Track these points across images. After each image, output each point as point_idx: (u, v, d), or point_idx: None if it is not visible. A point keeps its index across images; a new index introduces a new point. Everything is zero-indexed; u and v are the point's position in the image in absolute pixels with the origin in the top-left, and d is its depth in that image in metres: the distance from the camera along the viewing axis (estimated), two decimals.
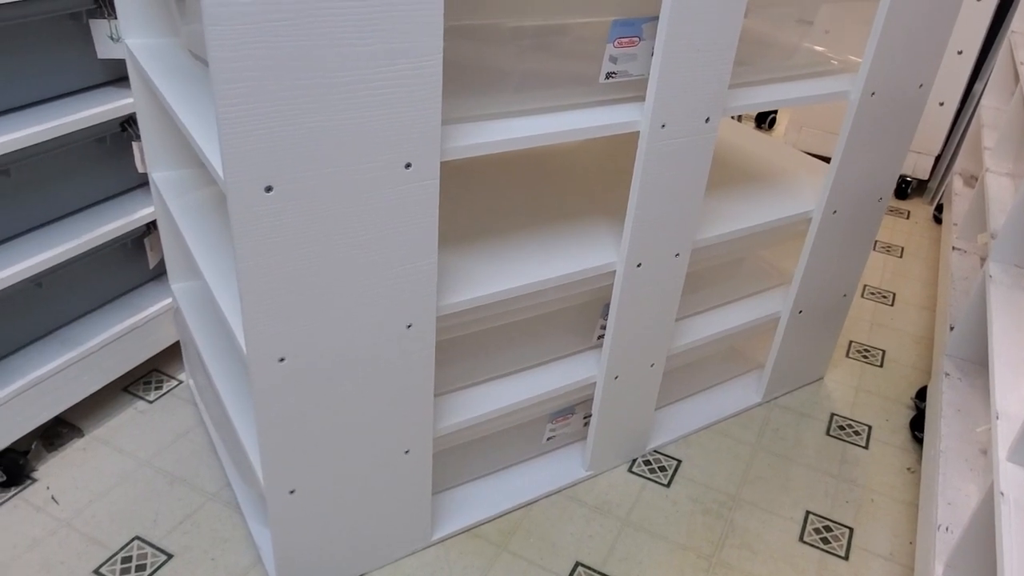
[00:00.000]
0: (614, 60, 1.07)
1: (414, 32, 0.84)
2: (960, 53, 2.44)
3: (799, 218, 1.45)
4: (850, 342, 1.95)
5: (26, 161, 1.31)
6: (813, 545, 1.39)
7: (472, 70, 1.00)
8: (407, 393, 1.11)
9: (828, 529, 1.42)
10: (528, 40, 1.02)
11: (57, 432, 1.50)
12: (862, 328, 2.01)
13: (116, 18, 1.32)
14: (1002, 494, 0.99)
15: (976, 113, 2.51)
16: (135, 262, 1.56)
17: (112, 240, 1.43)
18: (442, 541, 1.34)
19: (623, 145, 1.65)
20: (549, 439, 1.47)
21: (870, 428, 1.67)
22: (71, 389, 1.43)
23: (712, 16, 1.05)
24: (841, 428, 1.67)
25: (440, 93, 0.89)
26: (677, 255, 1.28)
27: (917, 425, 1.66)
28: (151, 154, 1.36)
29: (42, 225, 1.40)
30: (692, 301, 1.51)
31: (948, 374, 1.57)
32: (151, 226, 1.52)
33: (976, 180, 2.42)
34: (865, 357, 1.90)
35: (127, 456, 1.46)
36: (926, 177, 2.69)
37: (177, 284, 1.48)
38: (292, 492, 1.10)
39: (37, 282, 1.37)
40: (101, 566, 1.26)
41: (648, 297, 1.29)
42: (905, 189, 2.73)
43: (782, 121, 3.26)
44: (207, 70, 1.17)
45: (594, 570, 1.31)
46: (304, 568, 1.19)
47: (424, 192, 0.95)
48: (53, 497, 1.37)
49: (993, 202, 1.79)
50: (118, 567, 1.26)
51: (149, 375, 1.67)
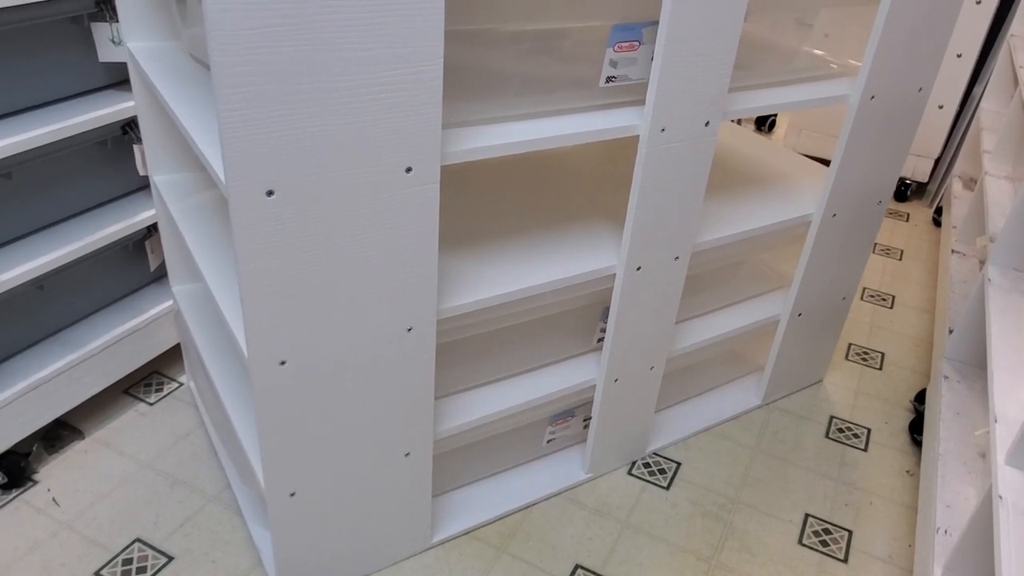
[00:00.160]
0: (614, 64, 1.07)
1: (415, 37, 0.84)
2: (959, 56, 2.45)
3: (798, 221, 1.45)
4: (849, 345, 1.95)
5: (28, 164, 1.31)
6: (812, 548, 1.39)
7: (473, 74, 1.00)
8: (407, 396, 1.12)
9: (827, 532, 1.43)
10: (528, 44, 1.02)
11: (58, 434, 1.50)
12: (861, 331, 2.01)
13: (117, 21, 1.32)
14: (1000, 497, 0.99)
15: (975, 116, 2.51)
16: (136, 265, 1.56)
17: (113, 243, 1.44)
18: (442, 543, 1.34)
19: (623, 149, 1.65)
20: (549, 441, 1.47)
21: (869, 431, 1.67)
22: (72, 391, 1.43)
23: (712, 20, 1.05)
24: (840, 431, 1.67)
25: (441, 97, 0.90)
26: (677, 258, 1.28)
27: (916, 428, 1.66)
28: (152, 157, 1.36)
29: (44, 228, 1.40)
30: (692, 304, 1.51)
31: (947, 377, 1.57)
32: (152, 229, 1.52)
33: (975, 183, 2.42)
34: (864, 360, 1.90)
35: (128, 458, 1.47)
36: (925, 180, 2.69)
37: (178, 287, 1.49)
38: (293, 494, 1.10)
39: (38, 284, 1.38)
40: (102, 568, 1.26)
41: (648, 300, 1.30)
42: (904, 192, 2.73)
43: (782, 124, 3.27)
44: (208, 73, 1.17)
45: (594, 572, 1.31)
46: (304, 570, 1.20)
47: (425, 196, 0.96)
48: (54, 499, 1.38)
49: (992, 205, 1.80)
50: (119, 569, 1.26)
51: (150, 377, 1.67)
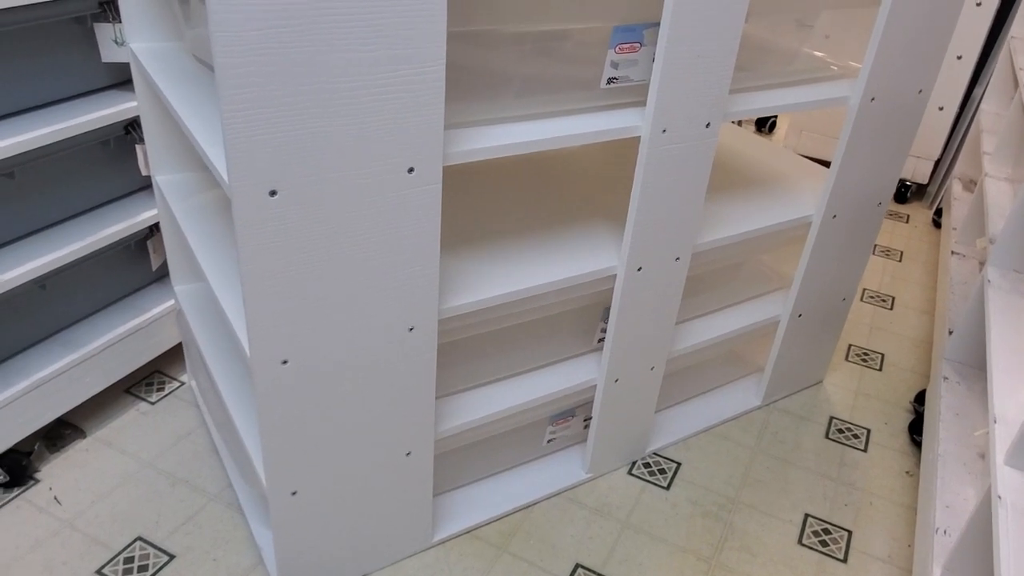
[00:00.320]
0: (615, 65, 1.08)
1: (417, 38, 0.85)
2: (960, 58, 2.45)
3: (799, 222, 1.46)
4: (849, 346, 1.95)
5: (31, 163, 1.31)
6: (812, 548, 1.40)
7: (474, 75, 1.00)
8: (409, 395, 1.12)
9: (827, 532, 1.43)
10: (530, 46, 1.02)
11: (60, 433, 1.51)
12: (861, 332, 2.02)
13: (120, 22, 1.33)
14: (999, 498, 0.99)
15: (975, 118, 2.52)
16: (138, 264, 1.56)
17: (115, 242, 1.44)
18: (443, 542, 1.34)
19: (624, 150, 1.66)
20: (549, 441, 1.48)
21: (869, 432, 1.68)
22: (74, 390, 1.44)
23: (713, 22, 1.05)
24: (840, 431, 1.67)
25: (443, 98, 0.90)
26: (677, 259, 1.29)
27: (916, 429, 1.67)
28: (154, 157, 1.37)
29: (46, 227, 1.41)
30: (692, 305, 1.51)
31: (947, 378, 1.58)
32: (154, 228, 1.53)
33: (975, 185, 2.42)
34: (864, 361, 1.91)
35: (129, 457, 1.47)
36: (925, 181, 2.69)
37: (180, 286, 1.49)
38: (294, 493, 1.10)
39: (41, 284, 1.38)
40: (103, 567, 1.27)
41: (648, 301, 1.30)
42: (905, 193, 2.74)
43: (782, 125, 3.27)
44: (211, 74, 1.18)
45: (594, 572, 1.32)
46: (305, 569, 1.20)
47: (427, 196, 0.96)
48: (56, 498, 1.38)
49: (992, 207, 1.80)
50: (120, 567, 1.27)
51: (151, 377, 1.67)
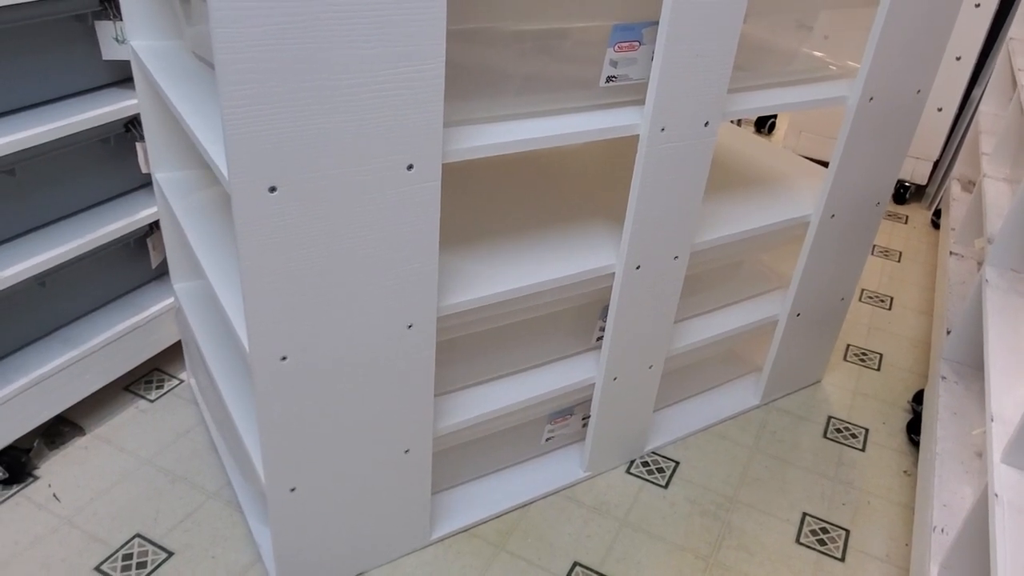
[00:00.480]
0: (614, 64, 1.08)
1: (417, 36, 0.85)
2: (959, 59, 2.45)
3: (797, 222, 1.46)
4: (848, 346, 1.96)
5: (31, 161, 1.32)
6: (809, 547, 1.40)
7: (474, 73, 1.01)
8: (407, 393, 1.12)
9: (825, 531, 1.43)
10: (529, 44, 1.03)
11: (59, 430, 1.51)
12: (860, 332, 2.02)
13: (121, 20, 1.33)
14: (996, 495, 1.00)
15: (974, 119, 2.52)
16: (137, 262, 1.57)
17: (115, 240, 1.44)
18: (441, 540, 1.35)
19: (623, 148, 1.66)
20: (548, 440, 1.48)
21: (867, 431, 1.68)
22: (73, 388, 1.44)
23: (711, 21, 1.06)
24: (838, 431, 1.68)
25: (442, 96, 0.90)
26: (676, 258, 1.29)
27: (914, 428, 1.67)
28: (155, 155, 1.37)
29: (46, 224, 1.41)
30: (691, 303, 1.52)
31: (944, 378, 1.58)
32: (154, 226, 1.53)
33: (974, 185, 2.43)
34: (863, 360, 1.91)
35: (128, 454, 1.47)
36: (924, 182, 2.70)
37: (179, 284, 1.49)
38: (293, 490, 1.11)
39: (40, 281, 1.38)
40: (102, 563, 1.27)
41: (647, 299, 1.30)
42: (903, 194, 2.74)
43: (781, 126, 3.27)
44: (211, 72, 1.18)
45: (592, 570, 1.32)
46: (304, 566, 1.20)
47: (426, 193, 0.96)
48: (55, 495, 1.38)
49: (990, 207, 1.80)
50: (119, 564, 1.27)
51: (150, 374, 1.68)
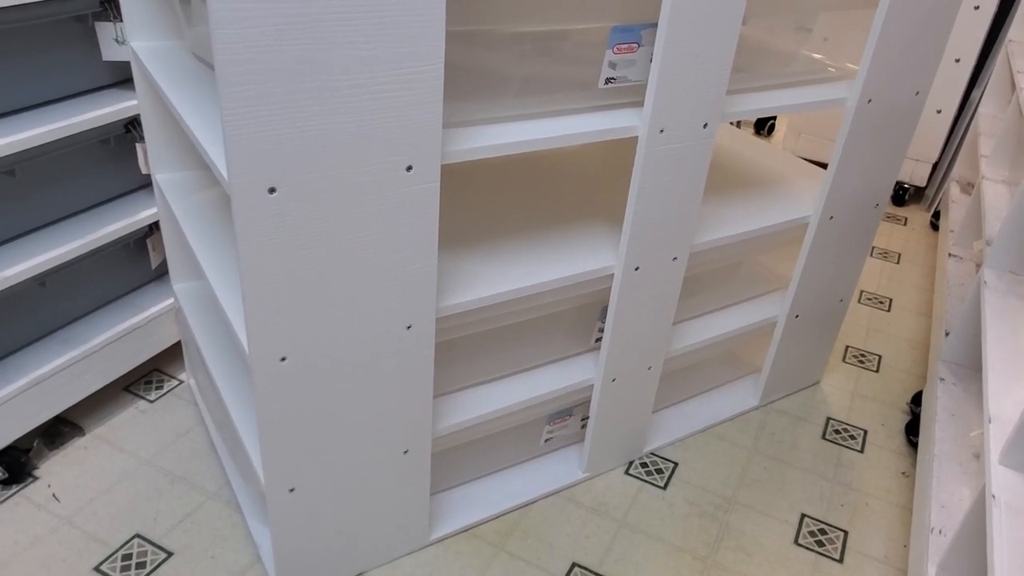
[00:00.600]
0: (613, 66, 1.08)
1: (417, 37, 0.85)
2: (958, 61, 2.46)
3: (796, 223, 1.46)
4: (847, 347, 1.96)
5: (31, 161, 1.32)
6: (808, 548, 1.40)
7: (473, 75, 1.01)
8: (406, 393, 1.12)
9: (823, 532, 1.44)
10: (528, 45, 1.03)
11: (58, 430, 1.51)
12: (859, 333, 2.02)
13: (121, 21, 1.33)
14: (993, 496, 1.00)
15: (973, 121, 2.52)
16: (137, 262, 1.57)
17: (115, 240, 1.44)
18: (440, 541, 1.35)
19: (622, 149, 1.66)
20: (547, 440, 1.48)
21: (866, 432, 1.68)
22: (73, 388, 1.44)
23: (710, 23, 1.06)
24: (837, 432, 1.68)
25: (441, 97, 0.91)
26: (675, 259, 1.29)
27: (912, 429, 1.67)
28: (154, 156, 1.37)
29: (46, 225, 1.41)
30: (689, 305, 1.52)
31: (943, 379, 1.58)
32: (154, 227, 1.53)
33: (973, 187, 2.43)
34: (861, 362, 1.91)
35: (128, 455, 1.47)
36: (923, 184, 2.70)
37: (179, 284, 1.50)
38: (292, 490, 1.11)
39: (40, 281, 1.39)
40: (102, 563, 1.27)
41: (646, 300, 1.31)
42: (903, 196, 2.74)
43: (781, 127, 3.28)
44: (211, 73, 1.18)
45: (591, 571, 1.32)
46: (303, 566, 1.20)
47: (425, 195, 0.97)
48: (54, 495, 1.38)
49: (989, 209, 1.81)
50: (118, 564, 1.27)
51: (150, 375, 1.68)
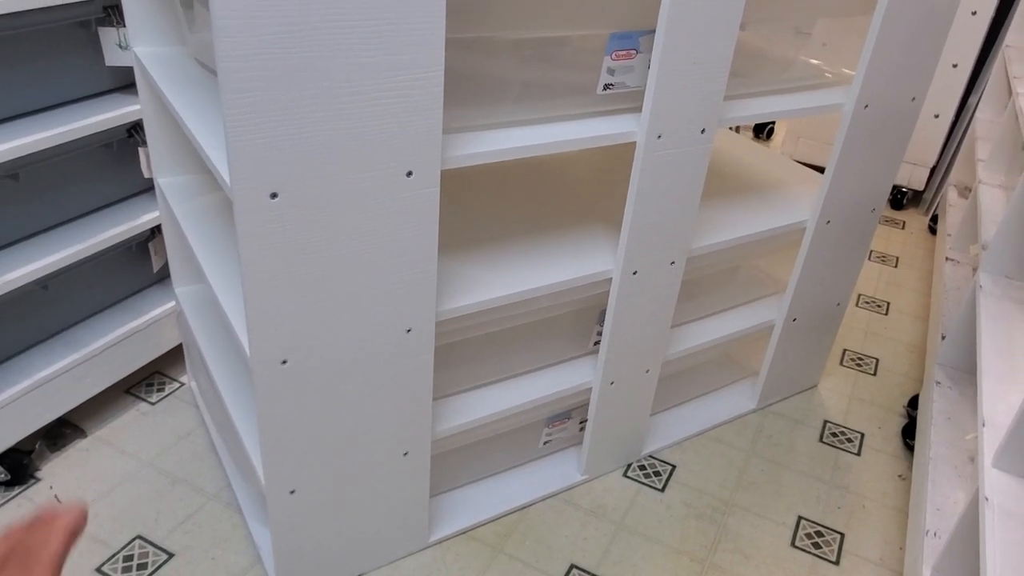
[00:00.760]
0: (611, 72, 1.10)
1: (417, 45, 0.86)
2: (955, 66, 2.47)
3: (793, 228, 1.47)
4: (844, 350, 1.97)
5: (35, 166, 1.33)
6: (805, 550, 1.41)
7: (473, 81, 1.02)
8: (406, 396, 1.13)
9: (820, 534, 1.44)
10: (527, 52, 1.04)
11: (60, 432, 1.52)
12: (856, 337, 2.03)
13: (124, 26, 1.34)
14: (986, 499, 1.01)
15: (971, 125, 2.53)
16: (139, 266, 1.58)
17: (117, 244, 1.45)
18: (439, 542, 1.36)
19: (620, 154, 1.67)
20: (546, 443, 1.49)
21: (863, 435, 1.69)
22: (75, 390, 1.45)
23: (708, 30, 1.07)
24: (834, 435, 1.69)
25: (441, 104, 0.92)
26: (672, 263, 1.30)
27: (909, 433, 1.68)
28: (157, 160, 1.38)
29: (49, 228, 1.42)
30: (687, 308, 1.53)
31: (939, 383, 1.59)
32: (156, 231, 1.54)
33: (970, 191, 2.44)
34: (859, 365, 1.92)
35: (129, 457, 1.48)
36: (922, 188, 2.71)
37: (181, 288, 1.51)
38: (292, 492, 1.12)
39: (43, 284, 1.40)
40: (103, 564, 1.28)
41: (644, 304, 1.32)
42: (901, 200, 2.75)
43: (780, 131, 3.29)
44: (214, 78, 1.19)
45: (589, 572, 1.33)
46: (303, 568, 1.21)
47: (425, 200, 0.98)
48: (56, 496, 1.39)
49: (985, 214, 1.82)
50: (119, 565, 1.28)
51: (152, 377, 1.69)
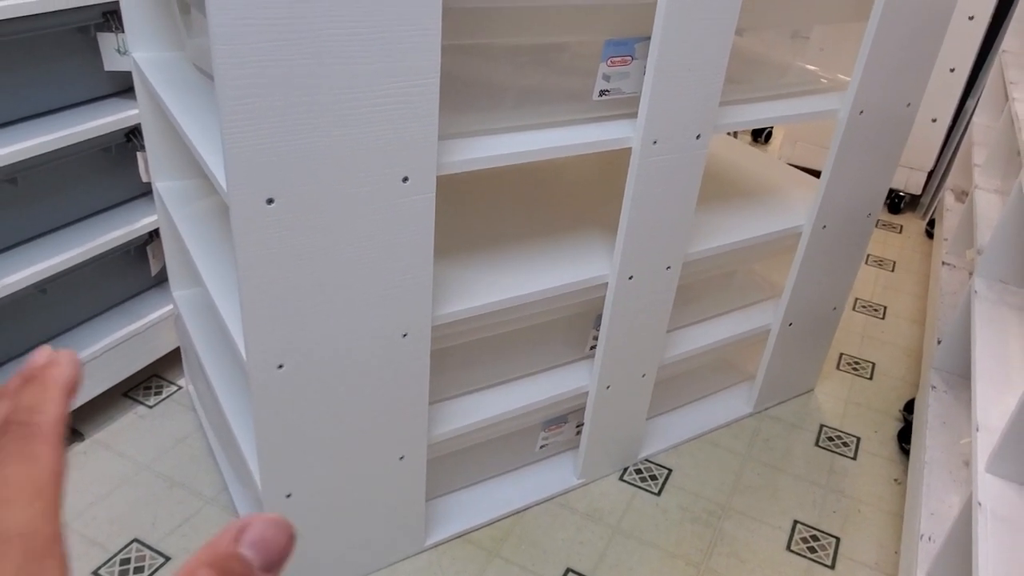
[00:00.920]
0: (607, 78, 1.10)
1: (413, 51, 0.87)
2: (952, 71, 2.48)
3: (789, 232, 1.48)
4: (840, 354, 1.97)
5: (33, 170, 1.34)
6: (800, 554, 1.41)
7: (469, 87, 1.03)
8: (402, 400, 1.14)
9: (815, 538, 1.45)
10: (523, 58, 1.05)
11: None
12: (853, 341, 2.04)
13: (123, 32, 1.35)
14: (980, 504, 1.01)
15: (968, 130, 2.54)
16: (137, 269, 1.58)
17: (115, 248, 1.46)
18: (435, 546, 1.36)
19: (616, 160, 1.68)
20: (542, 447, 1.49)
21: (859, 440, 1.70)
22: None
23: (703, 36, 1.08)
24: (830, 439, 1.69)
25: (437, 110, 0.92)
26: (668, 268, 1.31)
27: (905, 437, 1.68)
28: (155, 164, 1.39)
29: (47, 232, 1.43)
30: (684, 313, 1.53)
31: (935, 387, 1.60)
32: (153, 234, 1.55)
33: (967, 196, 2.45)
34: (855, 369, 1.93)
35: (127, 460, 1.49)
36: (919, 192, 2.72)
37: (178, 291, 1.51)
38: (288, 496, 1.12)
39: (41, 288, 1.40)
40: (100, 568, 1.28)
41: (640, 309, 1.32)
42: (898, 204, 2.76)
43: (777, 135, 3.29)
44: (211, 83, 1.20)
45: None
46: (299, 571, 1.22)
47: (421, 205, 0.98)
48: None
49: (981, 218, 1.82)
50: (116, 569, 1.28)
51: (149, 380, 1.69)
